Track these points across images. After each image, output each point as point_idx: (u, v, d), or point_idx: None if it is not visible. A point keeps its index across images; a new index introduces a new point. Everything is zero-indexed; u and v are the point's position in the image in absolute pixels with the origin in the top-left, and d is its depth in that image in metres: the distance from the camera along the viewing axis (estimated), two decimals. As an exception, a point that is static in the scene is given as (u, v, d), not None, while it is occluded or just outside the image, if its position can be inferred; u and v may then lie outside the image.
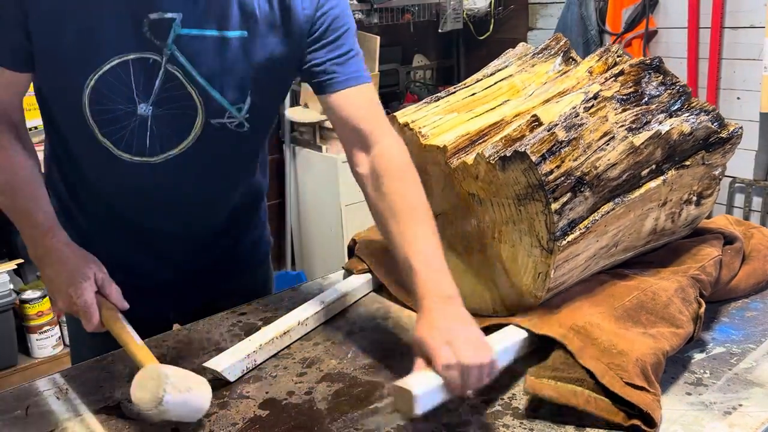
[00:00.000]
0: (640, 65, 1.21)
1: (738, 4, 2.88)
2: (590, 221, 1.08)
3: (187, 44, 1.12)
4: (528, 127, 1.10)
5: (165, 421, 0.98)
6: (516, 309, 1.15)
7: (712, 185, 1.27)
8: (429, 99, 1.29)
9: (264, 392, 1.08)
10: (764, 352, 1.11)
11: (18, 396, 1.11)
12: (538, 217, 1.05)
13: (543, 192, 1.03)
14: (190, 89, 1.15)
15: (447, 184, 1.17)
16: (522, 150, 1.03)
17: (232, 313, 1.34)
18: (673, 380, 1.05)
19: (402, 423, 0.98)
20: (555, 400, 0.96)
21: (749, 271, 1.29)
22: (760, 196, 2.95)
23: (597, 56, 1.30)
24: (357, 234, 1.51)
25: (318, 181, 3.34)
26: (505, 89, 1.29)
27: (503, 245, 1.12)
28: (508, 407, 1.00)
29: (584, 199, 1.06)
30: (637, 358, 0.98)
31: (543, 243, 1.06)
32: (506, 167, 1.06)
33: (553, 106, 1.15)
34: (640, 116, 1.14)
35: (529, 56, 1.37)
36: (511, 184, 1.06)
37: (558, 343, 1.03)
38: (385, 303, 1.35)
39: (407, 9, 3.52)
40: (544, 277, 1.08)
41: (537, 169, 1.02)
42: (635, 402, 0.93)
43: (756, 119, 2.90)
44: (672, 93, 1.20)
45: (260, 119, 1.25)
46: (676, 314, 1.09)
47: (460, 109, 1.24)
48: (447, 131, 1.19)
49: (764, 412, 0.97)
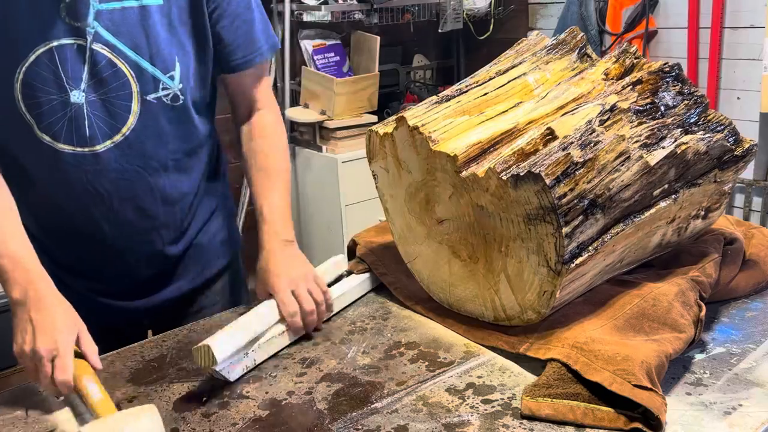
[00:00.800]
0: (658, 73, 1.19)
1: (738, 4, 2.89)
2: (599, 243, 1.06)
3: (108, 18, 1.14)
4: (542, 140, 1.06)
5: (165, 421, 0.98)
6: (516, 319, 1.14)
7: (721, 200, 1.24)
8: (439, 98, 1.24)
9: (264, 392, 1.08)
10: (764, 352, 1.11)
11: (18, 396, 1.11)
12: (547, 239, 1.03)
13: (555, 215, 1.00)
14: (120, 65, 1.16)
15: (455, 192, 1.14)
16: (536, 172, 0.99)
17: (232, 313, 1.34)
18: (673, 380, 1.05)
19: (402, 423, 0.98)
20: (553, 417, 0.96)
21: (749, 272, 1.29)
22: (760, 196, 2.95)
23: (614, 57, 1.27)
24: (357, 235, 1.51)
25: (318, 181, 3.34)
26: (518, 88, 1.25)
27: (510, 260, 1.10)
28: (508, 407, 1.00)
29: (595, 221, 1.04)
30: (642, 360, 0.97)
31: (551, 264, 1.04)
32: (518, 186, 1.02)
33: (568, 119, 1.11)
34: (655, 131, 1.11)
35: (543, 52, 1.32)
36: (522, 203, 1.03)
37: (551, 360, 1.03)
38: (385, 303, 1.35)
39: (407, 9, 3.52)
40: (549, 296, 1.07)
41: (550, 193, 0.99)
42: (645, 404, 0.92)
43: (756, 119, 2.90)
44: (689, 104, 1.18)
45: (195, 90, 1.27)
46: (678, 319, 1.09)
47: (472, 111, 1.20)
48: (457, 136, 1.14)
49: (764, 412, 0.97)
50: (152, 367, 1.16)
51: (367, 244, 1.45)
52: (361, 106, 3.29)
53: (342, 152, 3.20)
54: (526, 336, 1.12)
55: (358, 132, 3.24)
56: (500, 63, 1.32)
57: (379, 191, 1.30)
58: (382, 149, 1.23)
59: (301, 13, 3.31)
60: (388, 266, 1.37)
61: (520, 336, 1.12)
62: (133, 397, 1.08)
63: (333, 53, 3.53)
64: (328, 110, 3.22)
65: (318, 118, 3.24)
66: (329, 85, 3.18)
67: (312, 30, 3.52)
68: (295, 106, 3.42)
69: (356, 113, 3.28)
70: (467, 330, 1.19)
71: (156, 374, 1.14)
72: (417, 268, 1.29)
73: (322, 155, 3.28)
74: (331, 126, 3.21)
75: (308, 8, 3.27)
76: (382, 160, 1.25)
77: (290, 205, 1.34)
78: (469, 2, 3.68)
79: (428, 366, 1.12)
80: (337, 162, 3.16)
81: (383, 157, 1.24)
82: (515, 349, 1.10)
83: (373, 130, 1.24)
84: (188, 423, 1.01)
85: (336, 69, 3.50)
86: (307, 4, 3.26)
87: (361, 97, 3.28)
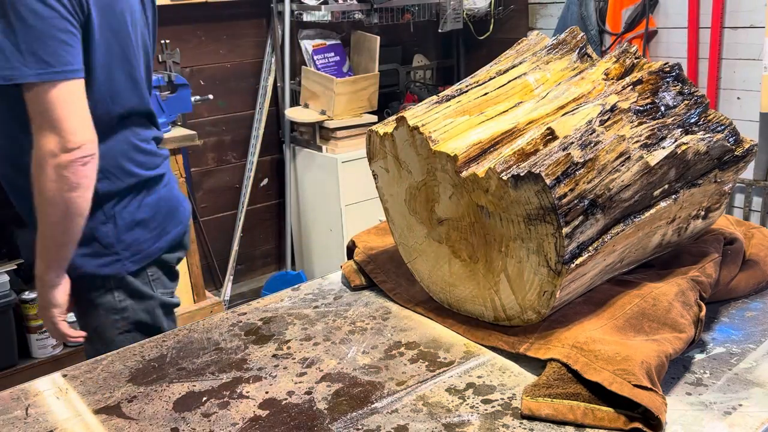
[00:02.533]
0: (659, 73, 1.19)
1: (738, 4, 2.89)
2: (599, 243, 1.06)
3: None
4: (542, 140, 1.06)
5: (164, 421, 0.98)
6: (516, 319, 1.14)
7: (721, 200, 1.24)
8: (440, 98, 1.24)
9: (264, 392, 1.08)
10: (764, 352, 1.11)
11: (18, 396, 1.11)
12: (547, 239, 1.03)
13: (555, 215, 1.00)
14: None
15: (455, 192, 1.14)
16: (536, 172, 0.99)
17: (232, 313, 1.34)
18: (673, 380, 1.05)
19: (402, 423, 0.98)
20: (553, 418, 0.96)
21: (750, 273, 1.29)
22: (760, 196, 2.95)
23: (614, 57, 1.27)
24: (356, 236, 1.51)
25: (318, 181, 3.35)
26: (518, 88, 1.25)
27: (510, 260, 1.10)
28: (508, 407, 1.00)
29: (595, 222, 1.04)
30: (642, 360, 0.97)
31: (551, 264, 1.04)
32: (519, 186, 1.02)
33: (568, 119, 1.12)
34: (656, 131, 1.12)
35: (544, 51, 1.32)
36: (523, 203, 1.03)
37: (551, 359, 1.03)
38: (385, 303, 1.35)
39: (407, 9, 3.52)
40: (549, 296, 1.07)
41: (551, 193, 0.99)
42: (645, 404, 0.92)
43: (756, 119, 2.90)
44: (689, 104, 1.18)
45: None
46: (678, 319, 1.09)
47: (472, 110, 1.19)
48: (457, 136, 1.14)
49: (764, 412, 0.97)
50: (152, 367, 1.16)
51: (366, 250, 1.44)
52: (361, 106, 3.30)
53: (342, 152, 3.20)
54: (526, 336, 1.12)
55: (358, 132, 3.24)
56: (500, 63, 1.32)
57: (379, 191, 1.30)
58: (382, 149, 1.23)
59: (301, 13, 3.31)
60: (388, 272, 1.37)
61: (520, 336, 1.12)
62: (133, 397, 1.08)
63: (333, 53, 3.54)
64: (328, 110, 3.23)
65: (318, 118, 3.24)
66: (329, 85, 3.19)
67: (312, 30, 3.52)
68: (295, 106, 3.42)
69: (356, 113, 3.28)
70: (467, 330, 1.19)
71: (156, 374, 1.14)
72: (417, 268, 1.29)
73: (322, 155, 3.28)
74: (331, 126, 3.21)
75: (308, 8, 3.28)
76: (382, 160, 1.25)
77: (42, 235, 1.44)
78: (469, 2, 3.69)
79: (428, 366, 1.12)
80: (337, 162, 3.17)
81: (383, 156, 1.24)
82: (515, 349, 1.10)
83: (373, 129, 1.24)
84: (188, 423, 1.01)
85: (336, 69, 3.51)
86: (307, 4, 3.26)
87: (361, 97, 3.29)
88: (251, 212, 3.58)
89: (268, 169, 3.61)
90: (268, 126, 3.52)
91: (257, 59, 3.46)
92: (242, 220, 3.49)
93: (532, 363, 1.08)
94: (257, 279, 3.67)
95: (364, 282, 1.40)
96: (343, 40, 3.59)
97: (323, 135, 3.29)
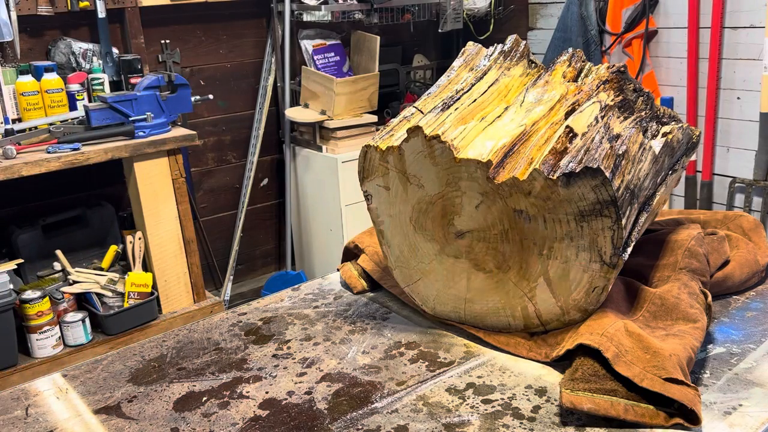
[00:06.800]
0: (617, 73, 1.23)
1: (738, 4, 2.89)
2: (636, 232, 1.09)
3: None
4: (567, 138, 1.06)
5: (164, 421, 0.98)
6: (554, 323, 1.13)
7: (675, 185, 1.34)
8: (441, 105, 1.21)
9: (264, 392, 1.08)
10: (764, 352, 1.12)
11: (18, 396, 1.11)
12: (603, 233, 1.02)
13: (615, 208, 1.00)
14: None
15: (484, 200, 1.10)
16: (595, 167, 0.99)
17: (232, 313, 1.34)
18: (673, 380, 1.05)
19: (402, 423, 0.98)
20: (595, 412, 0.95)
21: (741, 260, 1.31)
22: (760, 196, 2.95)
23: (566, 61, 1.30)
24: (356, 238, 1.50)
25: (318, 181, 3.34)
26: (496, 94, 1.25)
27: (552, 261, 1.09)
28: (508, 407, 1.00)
29: (632, 211, 1.06)
30: (671, 353, 0.98)
31: (605, 258, 1.04)
32: (571, 183, 1.01)
33: (578, 117, 1.12)
34: (637, 124, 1.15)
35: (501, 59, 1.33)
36: (575, 201, 1.02)
37: (582, 353, 1.02)
38: (385, 303, 1.35)
39: (407, 9, 3.52)
40: (600, 291, 1.07)
41: (611, 185, 1.00)
42: (678, 398, 0.92)
43: (756, 119, 2.90)
44: (644, 99, 1.23)
45: None
46: (688, 310, 1.10)
47: (467, 118, 1.17)
48: (472, 142, 1.11)
49: (764, 412, 0.97)
50: (152, 367, 1.16)
51: (372, 256, 1.42)
52: (361, 106, 3.30)
53: (342, 152, 3.20)
54: (554, 336, 1.13)
55: (358, 132, 3.24)
56: (463, 69, 1.33)
57: (372, 213, 1.23)
58: (382, 165, 1.17)
59: (301, 13, 3.31)
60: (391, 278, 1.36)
61: (550, 338, 1.13)
62: (133, 397, 1.08)
63: (333, 53, 3.53)
64: (328, 110, 3.23)
65: (318, 118, 3.24)
66: (329, 85, 3.19)
67: (312, 30, 3.52)
68: (295, 106, 3.42)
69: (356, 113, 3.28)
70: (487, 334, 1.19)
71: (156, 374, 1.14)
72: (419, 291, 1.25)
73: (322, 155, 3.28)
74: (331, 126, 3.21)
75: (308, 8, 3.28)
76: (380, 178, 1.18)
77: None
78: (469, 2, 3.68)
79: (428, 366, 1.12)
80: (337, 162, 3.16)
81: (383, 173, 1.18)
82: (547, 357, 1.11)
83: (371, 145, 1.16)
84: (188, 423, 1.01)
85: (336, 69, 3.51)
86: (307, 4, 3.26)
87: (361, 97, 3.29)
88: (251, 212, 3.58)
89: (268, 169, 3.61)
90: (268, 126, 3.52)
91: (257, 59, 3.46)
92: (242, 220, 3.49)
93: (532, 363, 1.09)
94: (257, 279, 3.67)
95: (367, 287, 1.40)
96: (343, 40, 3.59)
97: (323, 135, 3.29)
